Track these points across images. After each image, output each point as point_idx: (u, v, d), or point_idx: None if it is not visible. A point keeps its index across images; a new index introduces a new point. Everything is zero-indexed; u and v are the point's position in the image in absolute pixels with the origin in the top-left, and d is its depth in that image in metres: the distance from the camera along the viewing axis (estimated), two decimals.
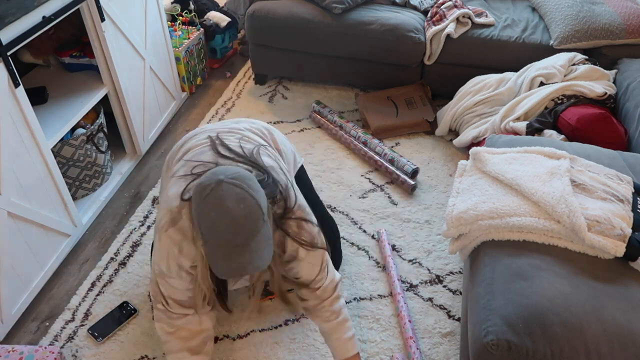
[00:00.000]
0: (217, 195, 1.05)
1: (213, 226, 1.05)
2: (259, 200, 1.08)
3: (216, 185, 1.06)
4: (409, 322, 1.65)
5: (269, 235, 1.11)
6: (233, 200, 1.05)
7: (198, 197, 1.08)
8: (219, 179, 1.07)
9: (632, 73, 2.15)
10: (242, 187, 1.07)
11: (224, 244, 1.05)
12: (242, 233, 1.05)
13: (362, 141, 2.41)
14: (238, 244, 1.05)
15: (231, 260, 1.06)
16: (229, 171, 1.09)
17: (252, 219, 1.06)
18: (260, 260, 1.08)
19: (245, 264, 1.06)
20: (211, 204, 1.05)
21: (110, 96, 2.13)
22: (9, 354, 1.47)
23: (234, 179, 1.07)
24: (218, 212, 1.05)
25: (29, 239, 1.68)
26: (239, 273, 1.07)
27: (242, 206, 1.05)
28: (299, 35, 2.61)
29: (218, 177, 1.07)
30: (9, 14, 1.48)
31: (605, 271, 1.25)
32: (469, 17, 2.55)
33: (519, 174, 1.44)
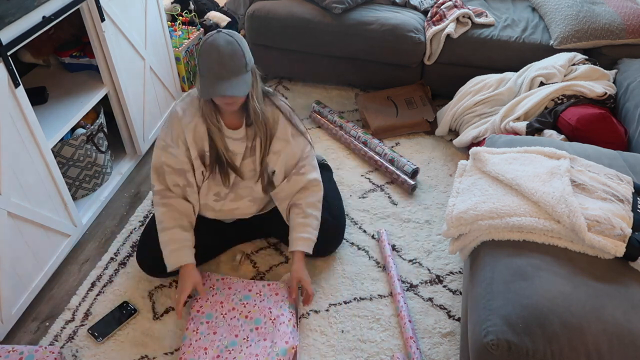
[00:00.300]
0: (214, 37, 1.43)
1: (206, 60, 1.43)
2: (244, 51, 1.46)
3: (216, 33, 1.45)
4: (409, 322, 1.65)
5: (248, 80, 1.49)
6: (223, 42, 1.42)
7: (202, 41, 1.45)
8: (219, 29, 1.46)
9: (632, 73, 2.15)
10: (234, 37, 1.44)
11: (212, 74, 1.43)
12: (226, 67, 1.42)
13: (362, 141, 2.41)
14: (221, 75, 1.42)
15: (214, 85, 1.43)
16: (227, 29, 1.48)
17: (235, 59, 1.43)
18: (237, 90, 1.45)
19: (223, 89, 1.43)
20: (208, 43, 1.43)
21: (110, 96, 2.13)
22: (9, 354, 1.47)
23: (229, 32, 1.45)
24: (211, 49, 1.42)
25: (29, 239, 1.68)
26: (215, 94, 1.44)
27: (229, 47, 1.42)
28: (299, 35, 2.61)
29: (218, 29, 1.46)
30: (9, 14, 1.48)
31: (605, 271, 1.24)
32: (469, 17, 2.55)
33: (519, 174, 1.44)
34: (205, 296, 1.67)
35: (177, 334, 1.66)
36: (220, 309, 1.65)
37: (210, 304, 1.66)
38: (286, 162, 1.69)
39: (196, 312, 1.63)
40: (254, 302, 1.66)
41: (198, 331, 1.58)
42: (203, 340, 1.56)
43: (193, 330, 1.58)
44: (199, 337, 1.56)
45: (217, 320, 1.62)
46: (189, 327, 1.59)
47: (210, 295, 1.68)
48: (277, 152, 1.66)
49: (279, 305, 1.64)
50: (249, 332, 1.58)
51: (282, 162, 1.68)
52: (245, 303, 1.66)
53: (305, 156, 1.71)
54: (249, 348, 1.54)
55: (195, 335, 1.57)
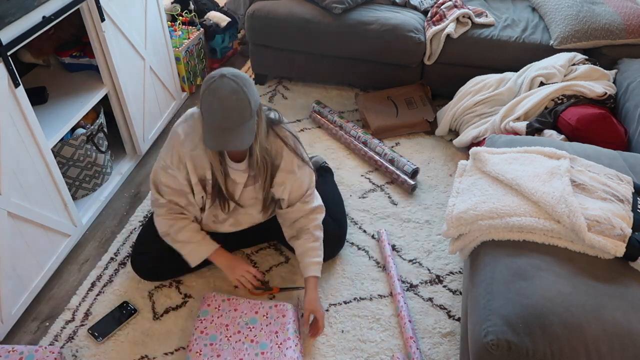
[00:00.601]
0: (217, 85, 1.33)
1: (209, 109, 1.35)
2: (249, 97, 1.36)
3: (219, 77, 1.34)
4: (409, 322, 1.65)
5: (252, 128, 1.42)
6: (227, 91, 1.33)
7: (204, 85, 1.37)
8: (222, 74, 1.35)
9: (632, 73, 2.15)
10: (238, 84, 1.34)
11: (216, 124, 1.35)
12: (230, 118, 1.34)
13: (362, 141, 2.41)
14: (225, 126, 1.35)
15: (218, 138, 1.36)
16: (232, 71, 1.37)
17: (240, 110, 1.35)
18: (240, 142, 1.38)
19: (226, 142, 1.37)
20: (211, 90, 1.34)
21: (110, 96, 2.13)
22: (9, 354, 1.47)
23: (234, 76, 1.35)
24: (214, 98, 1.33)
25: (29, 239, 1.68)
26: (218, 147, 1.38)
27: (234, 97, 1.33)
28: (299, 35, 2.61)
29: (222, 72, 1.36)
30: (9, 14, 1.48)
31: (605, 271, 1.24)
32: (469, 17, 2.55)
33: (519, 174, 1.44)
34: (211, 317, 1.63)
35: (177, 334, 1.66)
36: (225, 331, 1.60)
37: (215, 325, 1.61)
38: (292, 192, 1.66)
39: (199, 333, 1.58)
40: (260, 326, 1.61)
41: (201, 353, 1.53)
42: None
43: (196, 352, 1.53)
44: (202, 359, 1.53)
45: (221, 342, 1.57)
46: (192, 349, 1.54)
47: (216, 316, 1.63)
48: (282, 184, 1.63)
49: (285, 329, 1.60)
50: (254, 357, 1.53)
51: (288, 192, 1.65)
52: (252, 327, 1.61)
53: (311, 186, 1.69)
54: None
55: (199, 357, 1.52)
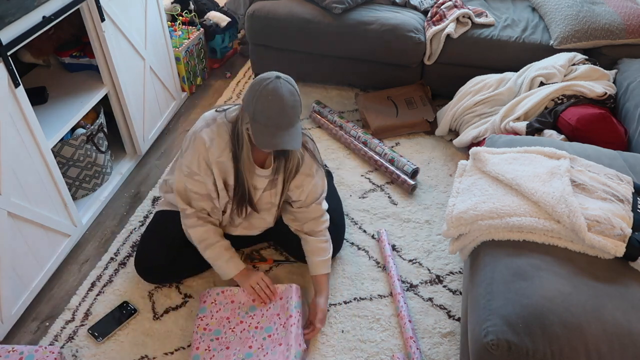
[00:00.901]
0: (275, 85, 1.38)
1: (267, 109, 1.37)
2: (300, 99, 1.44)
3: (275, 78, 1.39)
4: (409, 322, 1.65)
5: (301, 130, 1.48)
6: (287, 92, 1.38)
7: (257, 86, 1.39)
8: (277, 75, 1.41)
9: (632, 73, 2.15)
10: (293, 86, 1.42)
11: (272, 124, 1.39)
12: (287, 117, 1.39)
13: (362, 141, 2.41)
14: (282, 126, 1.40)
15: (275, 137, 1.40)
16: (280, 74, 1.42)
17: (296, 110, 1.41)
18: (293, 143, 1.42)
19: (283, 142, 1.41)
20: (270, 90, 1.37)
21: (110, 96, 2.13)
22: (9, 354, 1.47)
23: (287, 78, 1.42)
24: (274, 98, 1.37)
25: (29, 239, 1.68)
26: (276, 147, 1.41)
27: (292, 98, 1.39)
28: (299, 35, 2.61)
29: (276, 74, 1.41)
30: (9, 14, 1.48)
31: (605, 271, 1.24)
32: (469, 17, 2.55)
33: (519, 174, 1.44)
34: (210, 313, 1.64)
35: (177, 334, 1.66)
36: (227, 324, 1.61)
37: (216, 320, 1.62)
38: (309, 195, 1.68)
39: (203, 331, 1.59)
40: (260, 312, 1.64)
41: (210, 349, 1.54)
42: (217, 356, 1.53)
43: (205, 349, 1.54)
44: (212, 355, 1.53)
45: (226, 335, 1.58)
46: (200, 347, 1.55)
47: (215, 311, 1.64)
48: (300, 186, 1.66)
49: (285, 308, 1.62)
50: (262, 341, 1.55)
51: (305, 194, 1.68)
52: (252, 315, 1.63)
53: (326, 188, 1.74)
54: (266, 356, 1.51)
55: (209, 353, 1.53)
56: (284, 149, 1.42)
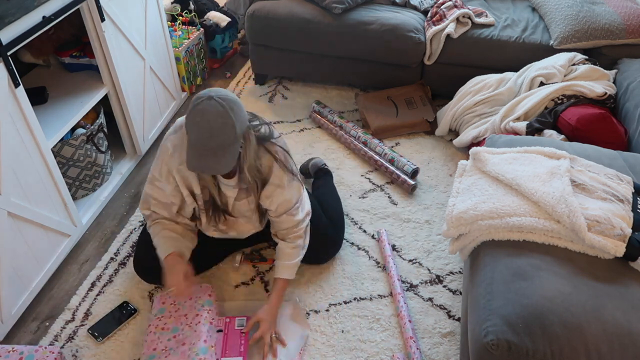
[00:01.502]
0: (204, 106, 1.31)
1: (194, 130, 1.32)
2: (235, 122, 1.33)
3: (207, 99, 1.32)
4: (409, 322, 1.65)
5: (235, 152, 1.37)
6: (214, 114, 1.30)
7: (191, 104, 1.34)
8: (210, 95, 1.33)
9: (632, 73, 2.15)
10: (225, 107, 1.32)
11: (199, 145, 1.33)
12: (213, 141, 1.32)
13: (362, 141, 2.41)
14: (207, 148, 1.32)
15: (200, 159, 1.34)
16: (221, 92, 1.35)
17: (224, 133, 1.32)
18: (220, 167, 1.35)
19: (205, 165, 1.35)
20: (198, 111, 1.31)
21: (110, 96, 2.13)
22: (9, 354, 1.47)
23: (221, 98, 1.33)
24: (200, 119, 1.31)
25: (29, 239, 1.68)
26: (196, 169, 1.36)
27: (220, 120, 1.31)
28: (299, 35, 2.61)
29: (210, 94, 1.34)
30: (9, 14, 1.48)
31: (605, 271, 1.24)
32: (469, 17, 2.55)
33: (519, 174, 1.44)
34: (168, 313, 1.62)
35: None
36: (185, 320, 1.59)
37: (174, 319, 1.59)
38: (280, 206, 1.61)
39: (161, 330, 1.56)
40: (169, 313, 1.61)
41: (167, 348, 1.52)
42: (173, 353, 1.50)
43: (162, 349, 1.51)
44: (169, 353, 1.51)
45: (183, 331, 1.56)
46: (157, 347, 1.52)
47: (174, 310, 1.62)
48: (269, 197, 1.59)
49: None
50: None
51: (275, 205, 1.61)
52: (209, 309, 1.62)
53: (299, 199, 1.65)
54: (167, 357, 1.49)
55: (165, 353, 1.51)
56: (204, 173, 1.35)
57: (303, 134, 2.56)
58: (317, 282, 1.81)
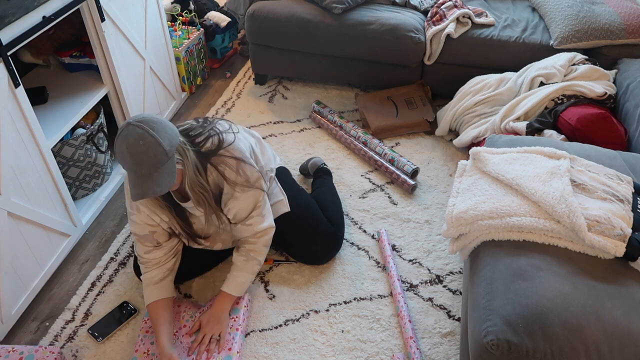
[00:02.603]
0: (124, 134, 1.30)
1: (122, 159, 1.32)
2: (160, 140, 1.31)
3: (125, 126, 1.31)
4: (409, 322, 1.65)
5: (171, 169, 1.35)
6: (134, 139, 1.29)
7: (115, 138, 1.33)
8: (127, 122, 1.32)
9: (632, 73, 2.15)
10: (144, 128, 1.30)
11: (131, 173, 1.33)
12: (142, 165, 1.30)
13: (362, 141, 2.41)
14: (140, 174, 1.31)
15: (137, 186, 1.32)
16: (138, 116, 1.34)
17: (150, 154, 1.30)
18: (159, 188, 1.32)
19: (146, 190, 1.32)
20: (120, 141, 1.31)
21: (110, 96, 2.13)
22: (9, 354, 1.47)
23: (138, 122, 1.31)
24: (123, 148, 1.30)
25: (29, 239, 1.68)
26: (143, 196, 1.32)
27: (141, 143, 1.29)
28: (299, 35, 2.61)
29: (128, 121, 1.33)
30: (9, 14, 1.48)
31: (605, 271, 1.24)
32: (469, 17, 2.55)
33: (519, 174, 1.44)
34: None
35: None
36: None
37: None
38: (236, 215, 1.59)
39: (145, 333, 1.59)
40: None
41: (149, 352, 1.54)
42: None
43: (144, 352, 1.53)
44: (151, 359, 1.53)
45: None
46: (139, 349, 1.54)
47: None
48: (226, 205, 1.57)
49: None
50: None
51: (232, 213, 1.58)
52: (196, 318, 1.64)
53: (257, 207, 1.60)
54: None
55: (147, 357, 1.53)
56: (147, 197, 1.32)
57: (303, 134, 2.56)
58: (317, 282, 1.82)
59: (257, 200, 1.60)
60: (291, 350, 1.61)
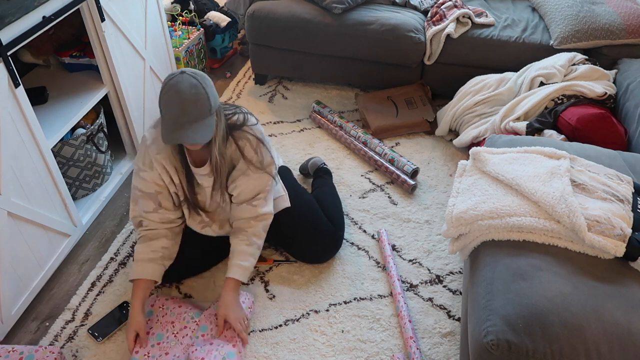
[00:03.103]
0: (177, 80, 1.35)
1: (168, 103, 1.36)
2: (209, 94, 1.38)
3: (179, 74, 1.37)
4: (409, 322, 1.65)
5: (211, 124, 1.41)
6: (187, 86, 1.35)
7: (163, 82, 1.38)
8: (182, 70, 1.38)
9: (632, 73, 2.15)
10: (198, 80, 1.37)
11: (174, 119, 1.36)
12: (188, 112, 1.35)
13: (362, 141, 2.41)
14: (182, 121, 1.36)
15: (175, 131, 1.37)
16: (192, 69, 1.40)
17: (198, 105, 1.36)
18: (197, 136, 1.38)
19: (181, 136, 1.37)
20: (170, 86, 1.35)
21: (110, 96, 2.13)
22: (9, 354, 1.47)
23: (193, 73, 1.38)
24: (173, 92, 1.34)
25: (29, 239, 1.68)
26: (174, 141, 1.37)
27: (193, 91, 1.35)
28: (299, 35, 2.61)
29: (182, 70, 1.39)
30: (9, 14, 1.48)
31: (605, 271, 1.24)
32: (469, 17, 2.55)
33: (519, 174, 1.44)
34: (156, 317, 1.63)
35: None
36: (171, 328, 1.60)
37: (160, 324, 1.61)
38: (242, 193, 1.61)
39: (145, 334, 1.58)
40: (156, 317, 1.63)
41: (149, 355, 1.54)
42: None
43: (144, 355, 1.53)
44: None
45: (168, 340, 1.58)
46: (139, 351, 1.54)
47: (161, 315, 1.64)
48: (234, 181, 1.61)
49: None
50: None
51: (238, 191, 1.61)
52: (197, 320, 1.63)
53: (264, 190, 1.64)
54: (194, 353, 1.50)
55: (147, 359, 1.53)
56: (183, 142, 1.38)
57: (303, 134, 2.56)
58: (317, 282, 1.82)
59: (266, 184, 1.64)
60: (291, 350, 1.61)
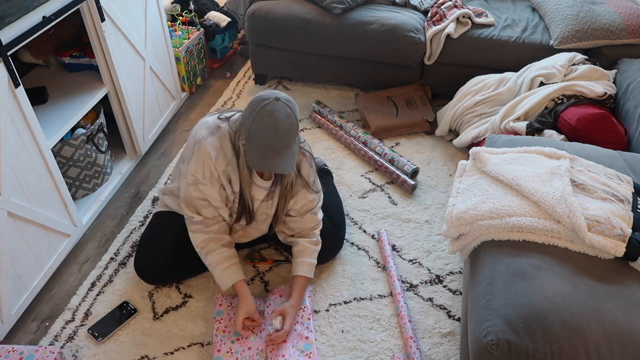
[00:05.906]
0: (273, 107, 1.38)
1: (261, 130, 1.37)
2: (298, 123, 1.43)
3: (274, 100, 1.39)
4: (409, 322, 1.65)
5: (296, 152, 1.46)
6: (283, 115, 1.38)
7: (256, 105, 1.40)
8: (276, 96, 1.41)
9: (632, 73, 2.15)
10: (292, 109, 1.41)
11: (265, 146, 1.39)
12: (280, 142, 1.38)
13: (362, 141, 2.41)
14: (275, 149, 1.39)
15: (265, 159, 1.40)
16: (284, 95, 1.43)
17: (290, 134, 1.40)
18: (284, 166, 1.42)
19: (273, 165, 1.41)
20: (266, 112, 1.37)
21: (110, 96, 2.13)
22: (9, 354, 1.47)
23: (287, 101, 1.42)
24: (269, 120, 1.37)
25: (29, 239, 1.68)
26: (264, 169, 1.41)
27: (288, 122, 1.39)
28: (299, 35, 2.61)
29: (276, 95, 1.41)
30: (9, 14, 1.48)
31: (605, 271, 1.24)
32: (469, 17, 2.55)
33: (519, 174, 1.44)
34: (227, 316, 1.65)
35: (177, 334, 1.66)
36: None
37: (233, 322, 1.63)
38: (304, 206, 1.69)
39: (222, 333, 1.60)
40: (227, 316, 1.65)
41: (232, 351, 1.56)
42: (241, 358, 1.55)
43: (227, 352, 1.55)
44: (236, 357, 1.54)
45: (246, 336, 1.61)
46: (221, 349, 1.56)
47: (232, 314, 1.66)
48: (295, 196, 1.67)
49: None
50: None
51: (300, 204, 1.68)
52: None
53: (321, 198, 1.76)
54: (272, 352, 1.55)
55: (231, 356, 1.54)
56: (272, 172, 1.41)
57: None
58: (317, 282, 1.82)
59: (321, 193, 1.75)
60: None
